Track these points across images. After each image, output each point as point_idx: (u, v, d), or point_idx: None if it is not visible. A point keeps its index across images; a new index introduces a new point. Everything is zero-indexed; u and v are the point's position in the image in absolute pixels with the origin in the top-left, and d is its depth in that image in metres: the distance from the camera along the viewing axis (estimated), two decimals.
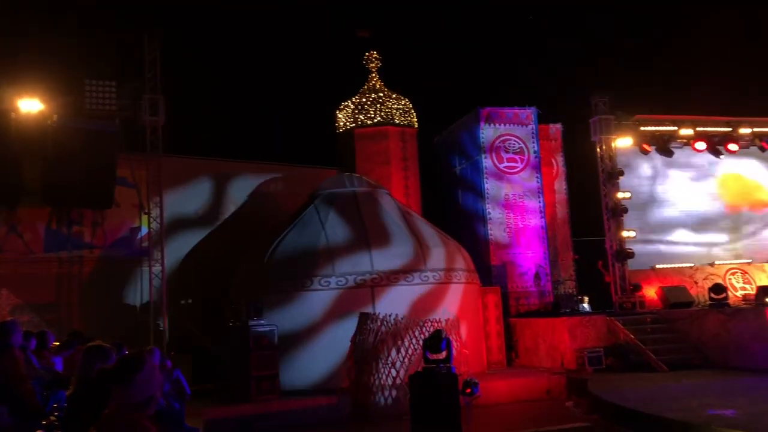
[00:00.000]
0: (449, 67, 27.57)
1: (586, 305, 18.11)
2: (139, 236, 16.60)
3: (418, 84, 22.93)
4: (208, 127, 21.94)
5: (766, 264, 19.09)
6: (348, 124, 20.43)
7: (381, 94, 20.48)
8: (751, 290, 17.35)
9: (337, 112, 20.87)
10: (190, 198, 18.02)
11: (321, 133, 22.11)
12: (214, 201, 18.41)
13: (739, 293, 18.11)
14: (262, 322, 12.97)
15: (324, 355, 13.66)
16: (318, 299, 13.88)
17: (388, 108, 20.24)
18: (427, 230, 15.74)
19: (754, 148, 19.55)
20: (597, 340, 15.00)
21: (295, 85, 24.62)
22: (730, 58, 25.18)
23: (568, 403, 12.81)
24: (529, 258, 18.54)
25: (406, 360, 13.01)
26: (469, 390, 9.96)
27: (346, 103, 20.71)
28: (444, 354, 10.10)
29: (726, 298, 14.97)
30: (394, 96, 20.60)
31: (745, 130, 19.13)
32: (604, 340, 15.03)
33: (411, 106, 20.75)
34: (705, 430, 8.09)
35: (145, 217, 16.06)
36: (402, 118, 20.36)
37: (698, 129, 18.91)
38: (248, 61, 24.78)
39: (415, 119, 20.81)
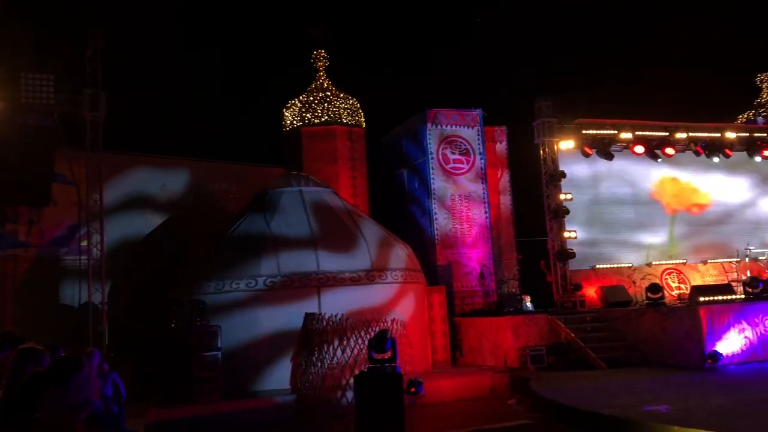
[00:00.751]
0: (397, 68, 27.70)
1: (529, 304, 18.45)
2: (77, 235, 16.10)
3: (366, 84, 22.96)
4: (151, 124, 21.47)
5: (700, 264, 19.82)
6: (295, 122, 20.30)
7: (329, 93, 20.42)
8: (686, 290, 18.02)
9: (284, 110, 20.70)
10: (132, 196, 17.60)
11: (268, 132, 21.92)
12: (156, 199, 18.02)
13: (675, 293, 18.77)
14: (205, 322, 12.77)
15: (269, 355, 13.54)
16: (263, 299, 13.74)
17: (335, 107, 20.20)
18: (375, 230, 15.78)
19: (690, 152, 20.29)
20: (539, 338, 15.30)
21: (241, 83, 24.34)
22: (669, 66, 26.06)
23: (510, 401, 13.01)
24: (475, 258, 18.77)
25: (351, 360, 13.00)
26: (413, 389, 10.05)
27: (293, 102, 20.56)
28: (389, 354, 10.13)
29: (662, 297, 15.46)
30: (341, 95, 20.56)
31: (681, 135, 19.84)
32: (546, 338, 15.34)
33: (359, 105, 20.76)
34: (640, 425, 8.35)
35: (83, 216, 15.59)
36: (350, 118, 20.35)
37: (637, 133, 19.52)
38: (194, 57, 24.36)
39: (363, 119, 20.82)
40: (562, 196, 18.56)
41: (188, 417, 11.74)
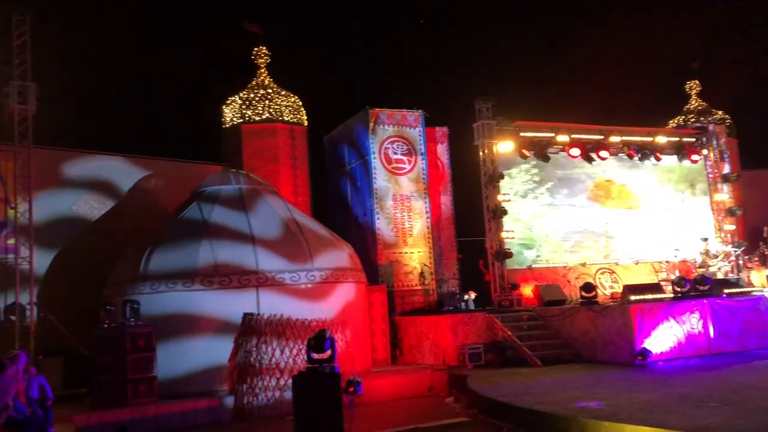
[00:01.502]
0: (339, 67, 27.66)
1: (471, 302, 18.67)
2: (4, 233, 15.45)
3: (308, 82, 22.84)
4: (85, 119, 20.82)
5: (631, 264, 20.48)
6: (235, 119, 20.01)
7: (270, 91, 20.22)
8: (618, 289, 18.58)
9: (224, 107, 20.38)
10: (63, 193, 17.03)
11: (206, 128, 21.54)
12: (89, 196, 17.46)
13: (608, 291, 19.33)
14: (140, 323, 12.45)
15: (206, 356, 13.30)
16: (199, 299, 13.48)
17: (277, 105, 20.01)
18: (315, 229, 15.70)
19: (623, 155, 20.96)
20: (477, 336, 15.52)
21: (179, 78, 23.83)
22: (603, 71, 26.83)
23: (448, 399, 13.16)
24: (416, 257, 18.90)
25: (290, 360, 12.91)
26: (352, 389, 10.00)
27: (233, 99, 20.27)
28: (328, 353, 10.08)
29: (595, 296, 15.86)
30: (283, 93, 20.39)
31: (615, 138, 20.47)
32: (484, 336, 15.58)
33: (300, 103, 20.63)
34: (571, 421, 8.56)
35: (11, 212, 14.98)
36: (291, 116, 20.20)
37: (573, 136, 20.04)
38: (132, 51, 23.73)
39: (305, 117, 20.70)
40: (500, 197, 18.87)
41: (120, 420, 11.43)
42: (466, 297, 18.32)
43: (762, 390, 9.61)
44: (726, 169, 22.18)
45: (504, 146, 19.40)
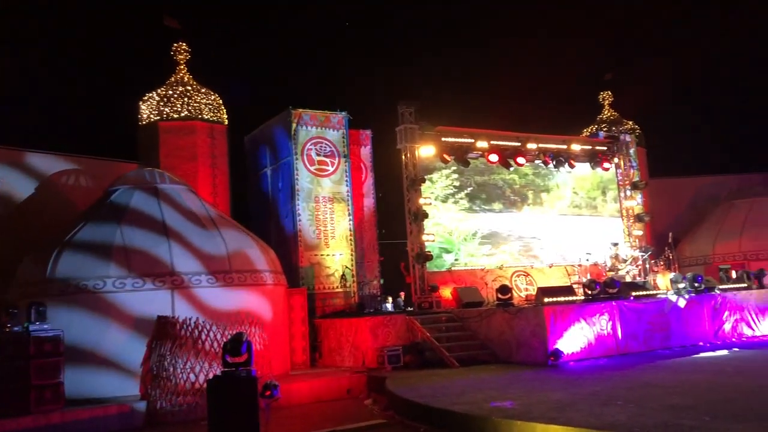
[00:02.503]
0: (262, 67, 27.33)
1: (389, 305, 18.80)
2: None
3: (230, 80, 22.46)
4: None
5: (546, 267, 21.13)
6: (152, 116, 19.41)
7: (189, 88, 19.73)
8: (533, 291, 19.10)
9: (141, 103, 19.74)
10: None
11: (122, 125, 20.82)
12: None
13: (523, 294, 19.86)
14: (45, 326, 11.85)
15: (117, 361, 12.84)
16: (112, 302, 13.01)
17: (196, 102, 19.55)
18: (234, 231, 15.41)
19: (539, 162, 21.62)
20: (397, 338, 15.63)
21: (93, 72, 22.95)
22: (522, 80, 27.61)
23: (367, 401, 13.19)
24: (337, 259, 18.87)
25: (206, 364, 12.61)
26: (268, 392, 9.88)
27: (151, 95, 19.67)
28: (245, 357, 9.92)
29: (511, 298, 16.24)
30: (203, 90, 19.94)
31: (531, 145, 21.10)
32: (403, 338, 15.71)
33: (221, 101, 20.23)
34: (486, 420, 8.74)
35: None
36: (211, 114, 19.78)
37: (492, 142, 20.51)
38: (44, 42, 22.68)
39: (225, 116, 20.31)
40: (422, 201, 19.06)
41: (23, 428, 10.88)
42: (397, 299, 18.50)
43: (664, 388, 10.09)
44: (635, 177, 23.23)
45: (426, 151, 19.64)
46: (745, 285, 17.59)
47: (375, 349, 15.24)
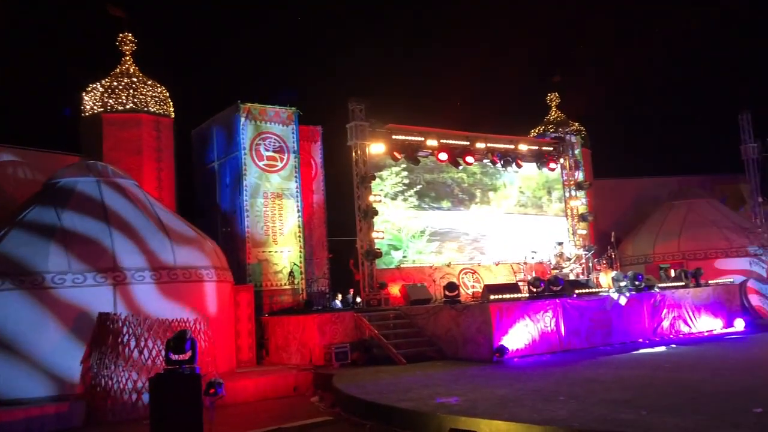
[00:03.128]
0: (210, 60, 26.90)
1: (338, 302, 18.78)
2: None
3: (177, 73, 22.03)
4: None
5: (493, 265, 21.42)
6: (96, 108, 18.89)
7: (135, 80, 19.26)
8: (480, 288, 19.34)
9: (84, 94, 19.18)
10: None
11: (63, 117, 20.18)
12: None
13: (470, 291, 20.11)
14: None
15: (56, 359, 12.43)
16: (51, 298, 12.58)
17: (142, 95, 19.10)
18: (179, 226, 15.12)
19: (487, 161, 21.89)
20: (345, 336, 15.61)
21: (34, 60, 22.17)
22: (472, 80, 27.91)
23: (313, 398, 13.13)
24: (285, 256, 18.71)
25: (149, 362, 12.34)
26: (213, 390, 9.74)
27: (95, 86, 19.12)
28: (188, 354, 9.75)
29: (458, 295, 16.39)
30: (149, 82, 19.49)
31: (480, 145, 21.37)
32: (351, 335, 15.70)
33: (168, 94, 19.81)
34: (431, 416, 8.80)
35: None
36: (157, 107, 19.36)
37: (442, 141, 20.70)
38: None
39: (172, 109, 19.91)
40: (371, 198, 19.10)
41: None
42: (345, 296, 18.47)
43: (604, 383, 10.35)
44: (580, 177, 23.76)
45: (376, 148, 19.68)
46: (683, 284, 18.19)
47: (322, 347, 15.19)
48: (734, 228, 23.85)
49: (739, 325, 17.94)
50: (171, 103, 19.85)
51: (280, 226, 18.72)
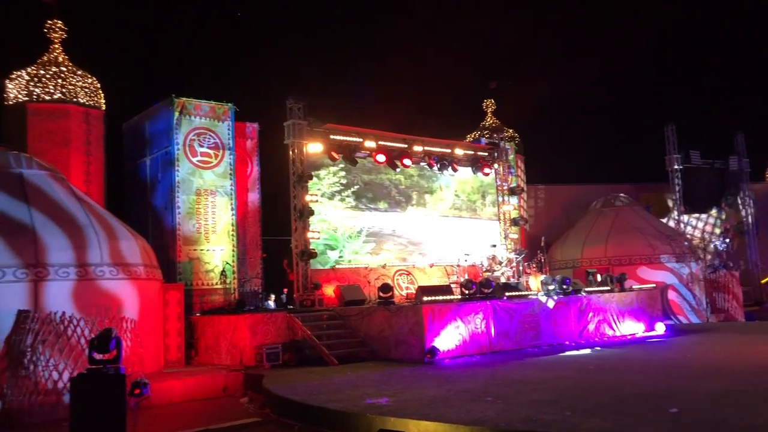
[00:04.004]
0: (145, 53, 26.21)
1: (271, 303, 18.57)
2: None
3: (109, 65, 21.38)
4: None
5: (427, 267, 21.63)
6: (20, 97, 18.10)
7: (64, 69, 18.56)
8: (414, 290, 19.50)
9: (7, 81, 18.35)
10: None
11: None
12: None
13: (404, 292, 20.24)
14: None
15: None
16: None
17: (71, 85, 18.42)
18: (108, 221, 14.67)
19: (424, 164, 22.10)
20: (277, 336, 15.47)
21: None
22: (412, 83, 28.18)
23: (243, 399, 12.97)
24: (218, 255, 18.40)
25: (70, 361, 11.92)
26: (138, 391, 9.49)
27: (19, 73, 18.33)
28: (113, 354, 9.47)
29: (392, 296, 16.45)
30: (79, 73, 18.81)
31: (418, 148, 21.54)
32: (283, 336, 15.57)
33: (99, 86, 19.16)
34: (360, 417, 8.82)
35: None
36: (87, 98, 18.70)
37: (380, 143, 20.76)
38: None
39: (103, 101, 19.28)
40: (308, 197, 18.99)
41: None
42: (279, 296, 18.30)
43: (530, 384, 10.59)
44: (513, 182, 24.28)
45: (314, 147, 19.58)
46: (609, 288, 18.80)
47: (254, 347, 15.01)
48: (658, 235, 24.80)
49: (660, 328, 18.69)
50: (102, 94, 19.22)
51: (213, 224, 18.39)
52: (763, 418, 7.51)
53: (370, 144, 20.48)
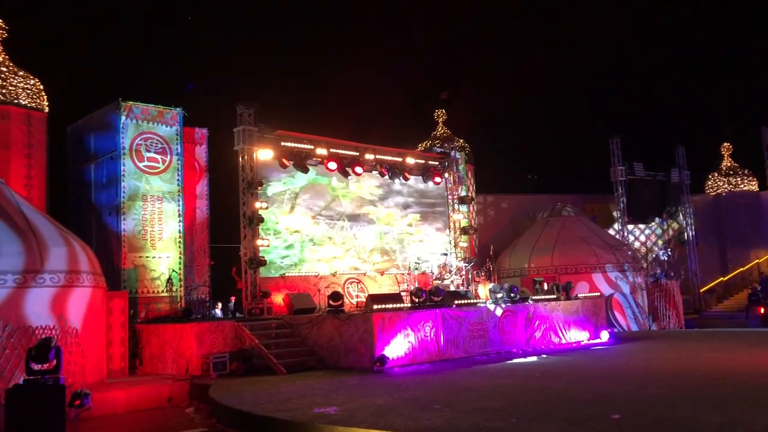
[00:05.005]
0: (91, 55, 25.62)
1: (219, 311, 18.29)
2: None
3: (54, 66, 20.80)
4: None
5: (377, 275, 21.65)
6: None
7: (4, 69, 17.96)
8: (364, 298, 19.48)
9: None
10: None
11: None
12: None
13: (354, 301, 20.21)
14: None
15: None
16: None
17: (12, 86, 17.85)
18: (48, 227, 14.21)
19: (376, 173, 22.15)
20: (224, 345, 15.24)
21: None
22: (362, 92, 28.27)
23: (188, 409, 12.70)
24: (164, 262, 18.04)
25: (6, 373, 11.49)
26: (78, 401, 9.27)
27: None
28: (52, 364, 9.20)
29: (342, 305, 16.41)
30: (21, 74, 18.24)
31: (369, 156, 21.58)
32: (231, 345, 15.35)
33: (42, 87, 18.61)
34: (308, 426, 8.75)
35: None
36: (29, 100, 18.14)
37: (332, 150, 20.73)
38: None
39: (46, 103, 18.72)
40: (258, 205, 18.81)
41: None
42: (227, 305, 18.03)
43: (478, 391, 10.70)
44: (463, 192, 24.55)
45: (264, 154, 19.41)
46: (555, 296, 19.15)
47: (200, 356, 14.75)
48: (603, 245, 25.41)
49: (605, 336, 19.11)
50: (45, 97, 18.67)
51: (159, 231, 18.03)
52: (701, 422, 7.74)
53: (321, 151, 20.42)
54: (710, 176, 34.45)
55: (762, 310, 23.54)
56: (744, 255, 31.74)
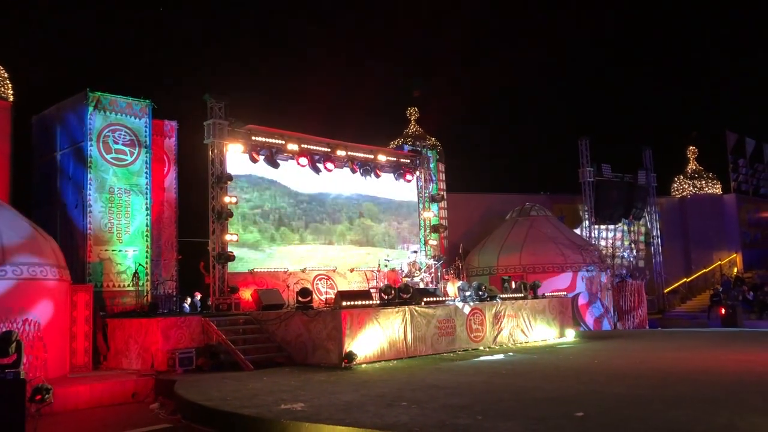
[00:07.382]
0: (58, 44, 25.12)
1: (186, 306, 18.11)
2: None
3: (19, 54, 20.36)
4: None
5: (347, 272, 21.62)
6: None
7: None
8: (333, 295, 19.44)
9: None
10: None
11: None
12: None
13: (324, 297, 20.15)
14: None
15: None
16: None
17: None
18: (11, 219, 13.96)
19: (347, 169, 22.10)
20: (191, 340, 15.10)
21: None
22: (334, 88, 28.21)
23: (153, 405, 12.56)
24: (131, 256, 17.79)
25: None
26: (39, 396, 9.10)
27: None
28: (13, 357, 9.03)
29: (311, 301, 16.35)
30: None
31: (341, 152, 21.55)
32: (197, 340, 15.21)
33: (6, 75, 18.22)
34: (274, 423, 8.71)
35: None
36: None
37: (303, 146, 20.66)
38: None
39: (11, 91, 18.33)
40: (227, 199, 18.66)
41: None
42: (194, 300, 17.81)
43: (445, 389, 10.76)
44: (433, 190, 24.64)
45: (234, 148, 19.26)
46: (522, 295, 19.33)
47: (166, 352, 14.59)
48: (570, 245, 25.72)
49: (570, 335, 19.36)
50: (10, 85, 18.27)
51: (126, 224, 17.76)
52: (663, 420, 7.90)
53: (292, 147, 20.33)
54: (676, 179, 35.15)
55: (723, 311, 24.07)
56: (707, 256, 32.47)
